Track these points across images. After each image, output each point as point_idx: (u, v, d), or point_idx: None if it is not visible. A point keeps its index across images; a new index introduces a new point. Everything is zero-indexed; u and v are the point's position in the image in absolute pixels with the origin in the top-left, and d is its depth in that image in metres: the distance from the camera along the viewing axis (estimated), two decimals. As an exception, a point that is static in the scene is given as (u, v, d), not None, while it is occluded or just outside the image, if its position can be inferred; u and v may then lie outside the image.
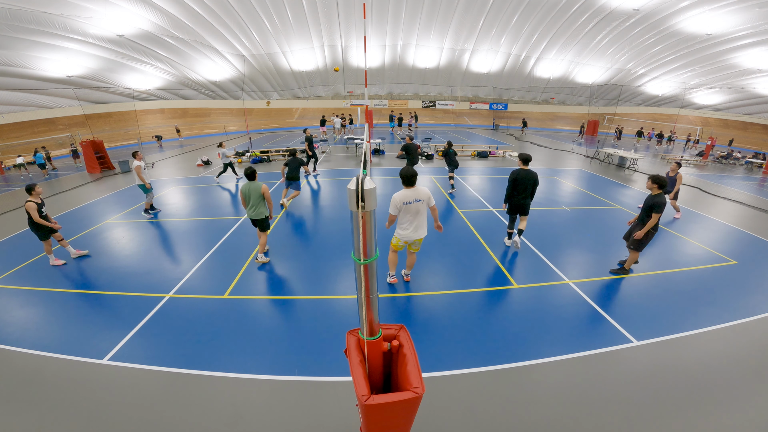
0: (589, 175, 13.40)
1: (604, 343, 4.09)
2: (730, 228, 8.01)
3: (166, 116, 28.50)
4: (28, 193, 5.91)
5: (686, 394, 3.42)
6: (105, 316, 4.67)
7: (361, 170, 1.61)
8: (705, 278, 5.66)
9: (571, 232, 7.49)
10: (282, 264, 6.08)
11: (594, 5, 21.33)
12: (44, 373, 3.72)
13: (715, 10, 18.88)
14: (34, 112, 22.09)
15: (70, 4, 15.97)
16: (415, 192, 4.52)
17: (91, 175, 14.53)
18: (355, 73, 28.43)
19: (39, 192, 5.99)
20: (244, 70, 26.85)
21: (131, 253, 6.63)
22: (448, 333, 4.25)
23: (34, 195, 5.92)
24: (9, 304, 5.03)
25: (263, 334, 4.28)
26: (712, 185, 12.53)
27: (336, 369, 3.68)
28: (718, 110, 30.17)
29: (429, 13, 23.16)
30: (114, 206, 9.67)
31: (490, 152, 17.23)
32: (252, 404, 3.30)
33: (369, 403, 1.71)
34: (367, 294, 1.82)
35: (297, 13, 21.98)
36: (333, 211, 8.85)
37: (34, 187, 5.94)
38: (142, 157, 8.54)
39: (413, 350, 2.01)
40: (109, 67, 21.76)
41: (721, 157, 19.53)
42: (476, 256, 6.25)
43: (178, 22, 20.25)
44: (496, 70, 29.72)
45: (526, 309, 4.75)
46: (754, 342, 4.17)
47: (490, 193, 10.32)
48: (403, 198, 4.49)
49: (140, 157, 8.43)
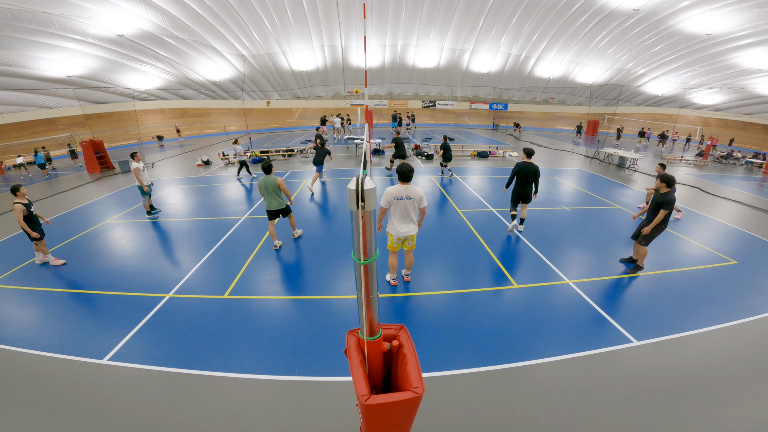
0: (589, 175, 13.40)
1: (604, 343, 4.09)
2: (730, 228, 8.01)
3: (166, 116, 28.50)
4: (14, 194, 5.83)
5: (686, 394, 3.42)
6: (105, 316, 4.67)
7: (361, 170, 1.61)
8: (705, 278, 5.66)
9: (571, 232, 7.49)
10: (282, 264, 6.08)
11: (594, 5, 21.32)
12: (44, 373, 3.72)
13: (715, 10, 18.87)
14: (34, 112, 22.08)
15: (70, 4, 15.96)
16: (407, 189, 4.55)
17: (91, 175, 14.54)
18: (355, 73, 28.43)
19: (24, 192, 5.91)
20: (244, 70, 26.85)
21: (131, 253, 6.63)
22: (448, 333, 4.25)
23: (19, 196, 5.83)
24: (9, 304, 5.03)
25: (263, 334, 4.28)
26: (712, 185, 12.53)
27: (336, 369, 3.68)
28: (718, 110, 30.16)
29: (429, 13, 23.15)
30: (114, 206, 9.67)
31: (490, 152, 17.23)
32: (252, 404, 3.30)
33: (369, 403, 1.70)
34: (367, 294, 1.82)
35: (297, 13, 21.97)
36: (333, 211, 8.86)
37: (19, 188, 5.85)
38: (141, 158, 8.51)
39: (413, 350, 2.01)
40: (109, 67, 21.75)
41: (721, 157, 19.53)
42: (476, 256, 6.25)
43: (178, 22, 20.24)
44: (496, 70, 29.71)
45: (526, 309, 4.75)
46: (754, 342, 4.17)
47: (490, 193, 10.32)
48: (395, 193, 4.55)
49: (138, 158, 8.38)
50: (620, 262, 6.02)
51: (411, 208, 4.64)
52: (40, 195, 11.40)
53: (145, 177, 8.19)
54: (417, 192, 4.57)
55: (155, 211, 8.70)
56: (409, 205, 4.60)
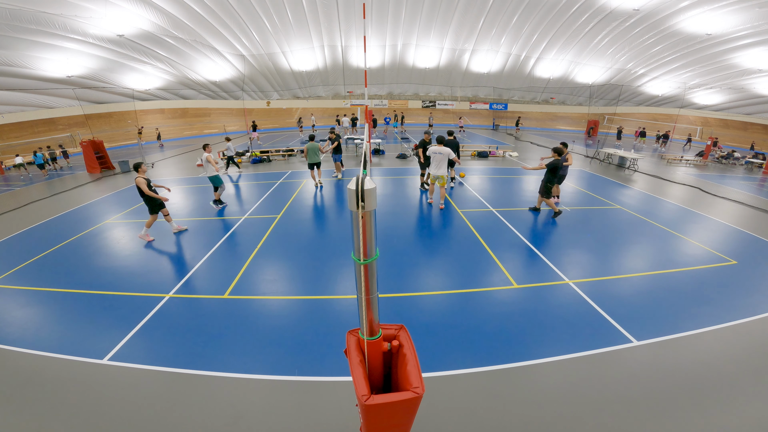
0: (589, 175, 13.40)
1: (604, 343, 4.09)
2: (730, 228, 8.01)
3: (166, 116, 28.49)
4: (136, 170, 6.79)
5: (686, 393, 3.42)
6: (105, 316, 4.67)
7: (361, 170, 1.61)
8: (705, 278, 5.66)
9: (571, 232, 7.49)
10: (282, 264, 6.08)
11: (594, 5, 21.30)
12: (44, 373, 3.72)
13: (715, 10, 18.85)
14: (34, 112, 22.05)
15: (70, 4, 15.95)
16: (440, 148, 8.06)
17: (91, 175, 14.54)
18: (355, 73, 28.41)
19: (145, 169, 6.87)
20: (244, 70, 26.82)
21: (131, 253, 6.63)
22: (448, 333, 4.25)
23: (140, 172, 6.77)
24: (9, 304, 5.03)
25: (263, 334, 4.28)
26: (712, 185, 12.53)
27: (336, 369, 3.68)
28: (718, 110, 30.12)
29: (429, 13, 23.14)
30: (114, 206, 9.67)
31: (490, 152, 17.23)
32: (252, 404, 3.30)
33: (369, 403, 1.71)
34: (367, 294, 1.82)
35: (297, 13, 21.96)
36: (333, 211, 8.86)
37: (141, 165, 6.82)
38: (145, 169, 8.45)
39: (413, 350, 2.01)
40: (109, 67, 21.73)
41: (721, 158, 19.52)
42: (476, 256, 6.25)
43: (178, 22, 20.23)
44: (496, 70, 29.68)
45: (526, 309, 4.75)
46: (754, 342, 4.17)
47: (490, 193, 10.32)
48: (434, 150, 8.11)
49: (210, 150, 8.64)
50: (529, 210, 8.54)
51: (442, 160, 8.05)
52: (40, 195, 11.40)
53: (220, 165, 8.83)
54: (446, 150, 8.01)
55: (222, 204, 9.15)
56: (440, 158, 8.04)
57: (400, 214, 8.40)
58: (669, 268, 5.97)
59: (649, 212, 8.85)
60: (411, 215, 8.41)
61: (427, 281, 5.45)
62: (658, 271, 5.82)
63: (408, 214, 8.44)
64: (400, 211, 8.68)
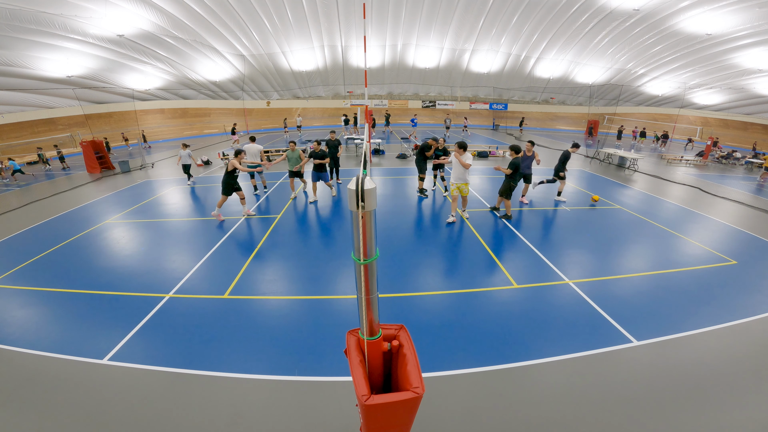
0: (589, 175, 13.40)
1: (604, 343, 4.09)
2: (730, 228, 8.00)
3: (166, 116, 28.48)
4: (236, 156, 7.79)
5: (686, 393, 3.42)
6: (105, 316, 4.67)
7: (361, 170, 1.62)
8: (705, 278, 5.66)
9: (571, 232, 7.49)
10: (282, 264, 6.08)
11: (594, 5, 21.29)
12: (44, 373, 3.72)
13: (715, 10, 18.84)
14: (34, 112, 22.04)
15: (70, 4, 15.95)
16: (465, 156, 7.36)
17: (91, 175, 14.53)
18: (355, 73, 28.41)
19: (242, 157, 7.99)
20: (244, 70, 26.82)
21: (131, 253, 6.63)
22: (448, 333, 4.25)
23: (238, 158, 7.78)
24: (9, 304, 5.03)
25: (263, 334, 4.28)
26: (712, 185, 12.52)
27: (336, 369, 3.68)
28: (718, 110, 30.12)
29: (429, 13, 23.13)
30: (114, 206, 9.66)
31: (490, 152, 17.23)
32: (252, 404, 3.30)
33: (369, 403, 1.71)
34: (367, 294, 1.82)
35: (297, 13, 21.95)
36: (333, 211, 8.85)
37: (240, 153, 7.98)
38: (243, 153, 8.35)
39: (413, 350, 2.01)
40: (109, 67, 21.72)
41: (721, 158, 19.52)
42: (476, 256, 6.25)
43: (178, 22, 20.23)
44: (496, 70, 29.68)
45: (526, 309, 4.75)
46: (754, 342, 4.17)
47: (490, 193, 10.32)
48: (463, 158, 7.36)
49: (243, 156, 8.32)
50: (489, 212, 8.45)
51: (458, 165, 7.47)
52: (40, 195, 11.40)
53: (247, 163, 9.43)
54: (468, 159, 7.46)
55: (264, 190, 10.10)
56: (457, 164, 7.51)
57: (400, 214, 8.40)
58: (669, 268, 5.97)
59: (649, 212, 8.85)
60: (411, 215, 8.41)
61: (427, 281, 5.45)
62: (658, 271, 5.82)
63: (408, 214, 8.44)
64: (400, 211, 8.68)
